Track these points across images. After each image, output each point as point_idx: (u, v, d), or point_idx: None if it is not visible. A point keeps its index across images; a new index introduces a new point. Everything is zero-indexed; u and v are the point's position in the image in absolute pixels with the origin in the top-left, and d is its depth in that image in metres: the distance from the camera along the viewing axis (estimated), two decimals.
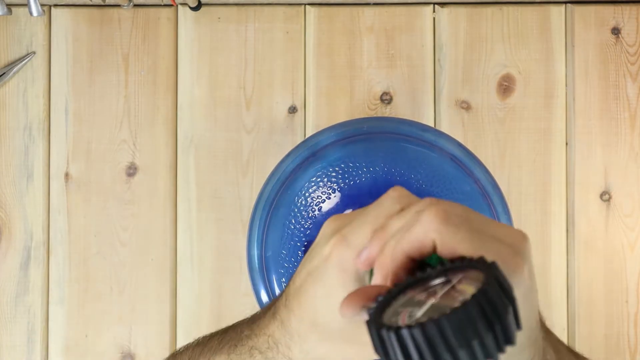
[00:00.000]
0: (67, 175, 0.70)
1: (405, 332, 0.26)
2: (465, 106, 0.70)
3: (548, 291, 0.69)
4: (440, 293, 0.28)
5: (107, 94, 0.70)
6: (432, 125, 0.70)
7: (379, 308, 0.29)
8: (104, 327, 0.69)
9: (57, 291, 0.69)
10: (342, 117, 0.70)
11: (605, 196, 0.69)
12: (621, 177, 0.70)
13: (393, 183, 0.52)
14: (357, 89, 0.70)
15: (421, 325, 0.26)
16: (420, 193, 0.51)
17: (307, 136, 0.69)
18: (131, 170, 0.70)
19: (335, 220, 0.33)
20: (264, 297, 0.55)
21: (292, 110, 0.70)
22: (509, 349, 0.27)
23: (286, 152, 0.56)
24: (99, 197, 0.70)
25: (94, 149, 0.70)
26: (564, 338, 0.69)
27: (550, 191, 0.70)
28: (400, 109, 0.70)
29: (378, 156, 0.52)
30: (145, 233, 0.70)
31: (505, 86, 0.70)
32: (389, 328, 0.27)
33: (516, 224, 0.69)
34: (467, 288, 0.27)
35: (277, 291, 0.53)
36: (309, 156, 0.54)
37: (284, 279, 0.53)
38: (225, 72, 0.70)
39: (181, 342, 0.69)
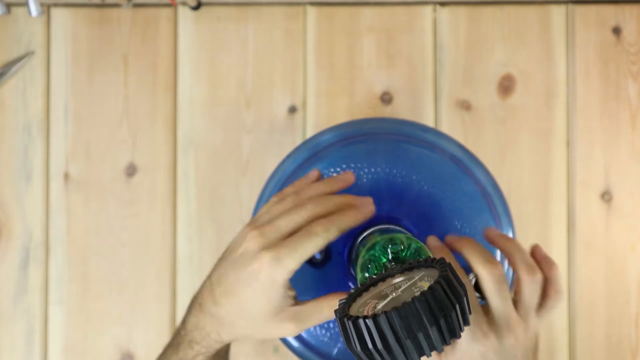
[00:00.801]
0: (66, 175, 0.70)
1: (361, 322, 0.30)
2: (466, 106, 0.70)
3: None
4: (402, 288, 0.33)
5: (106, 93, 0.70)
6: (433, 125, 0.70)
7: (347, 300, 0.34)
8: (104, 327, 0.69)
9: (56, 291, 0.69)
10: (342, 117, 0.70)
11: (606, 196, 0.69)
12: (622, 177, 0.70)
13: (394, 184, 0.52)
14: (357, 89, 0.70)
15: (374, 316, 0.30)
16: (421, 194, 0.51)
17: (307, 136, 0.69)
18: (131, 170, 0.70)
19: (256, 228, 0.41)
20: None
21: (292, 110, 0.70)
22: None
23: (286, 152, 0.56)
24: (99, 197, 0.70)
25: (93, 148, 0.70)
26: (564, 339, 0.69)
27: (550, 191, 0.69)
28: (401, 109, 0.70)
29: (379, 157, 0.52)
30: (144, 233, 0.69)
31: (506, 86, 0.70)
32: (349, 318, 0.31)
33: (517, 224, 0.69)
34: (425, 285, 0.32)
35: None
36: (309, 157, 0.54)
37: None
38: (225, 72, 0.70)
39: None
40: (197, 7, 0.70)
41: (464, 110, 0.70)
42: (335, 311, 0.33)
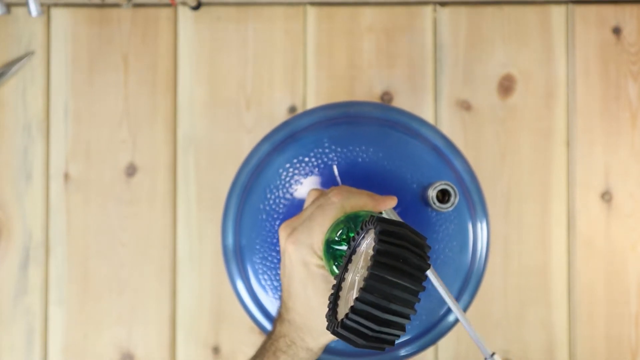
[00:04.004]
0: (66, 175, 0.70)
1: (347, 322, 0.31)
2: (466, 106, 0.70)
3: (549, 292, 0.69)
4: (361, 265, 0.35)
5: (106, 93, 0.70)
6: (433, 125, 0.70)
7: (330, 311, 0.35)
8: (104, 327, 0.69)
9: (56, 291, 0.69)
10: None
11: (606, 196, 0.69)
12: (622, 177, 0.69)
13: (373, 169, 0.52)
14: (357, 89, 0.70)
15: (352, 308, 0.30)
16: (399, 180, 0.51)
17: None
18: (131, 170, 0.70)
19: (285, 228, 0.42)
20: (241, 288, 0.54)
21: (292, 110, 0.70)
22: None
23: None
24: (99, 197, 0.70)
25: (93, 149, 0.70)
26: (564, 339, 0.69)
27: (550, 191, 0.69)
28: None
29: (361, 140, 0.52)
30: (144, 233, 0.69)
31: (506, 86, 0.70)
32: (337, 326, 0.32)
33: (517, 224, 0.69)
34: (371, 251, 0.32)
35: (254, 281, 0.53)
36: (286, 138, 0.53)
37: (260, 270, 0.53)
38: (225, 72, 0.70)
39: (181, 342, 0.69)
40: (197, 7, 0.70)
41: (464, 110, 0.70)
42: (326, 327, 0.34)
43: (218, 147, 0.70)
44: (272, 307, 0.54)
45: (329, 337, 0.43)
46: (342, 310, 0.33)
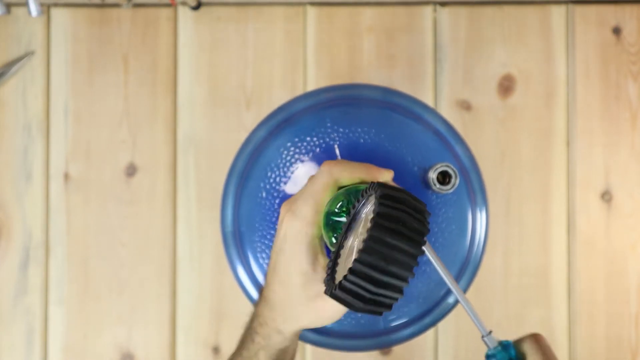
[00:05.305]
0: (66, 175, 0.70)
1: (345, 283, 0.31)
2: (466, 106, 0.70)
3: (549, 292, 0.69)
4: (360, 230, 0.34)
5: (106, 93, 0.70)
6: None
7: (329, 275, 0.34)
8: (104, 327, 0.69)
9: (56, 291, 0.69)
10: None
11: (606, 196, 0.69)
12: (622, 177, 0.69)
13: (373, 149, 0.52)
14: None
15: (350, 270, 0.30)
16: (399, 163, 0.52)
17: None
18: (131, 170, 0.70)
19: (285, 204, 0.41)
20: (242, 274, 0.54)
21: None
22: None
23: None
24: (99, 197, 0.70)
25: (93, 148, 0.70)
26: (564, 339, 0.69)
27: (550, 191, 0.69)
28: None
29: (361, 121, 0.52)
30: (144, 233, 0.69)
31: (506, 86, 0.70)
32: (335, 288, 0.32)
33: (517, 224, 0.69)
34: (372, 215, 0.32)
35: (254, 267, 0.53)
36: (282, 121, 0.53)
37: (260, 253, 0.53)
38: (225, 72, 0.70)
39: (181, 343, 0.69)
40: (197, 7, 0.70)
41: (464, 110, 0.70)
42: (325, 292, 0.34)
43: (218, 147, 0.70)
44: None
45: (300, 324, 0.42)
46: (341, 275, 0.33)
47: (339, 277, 0.34)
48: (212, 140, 0.70)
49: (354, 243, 0.35)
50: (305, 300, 0.41)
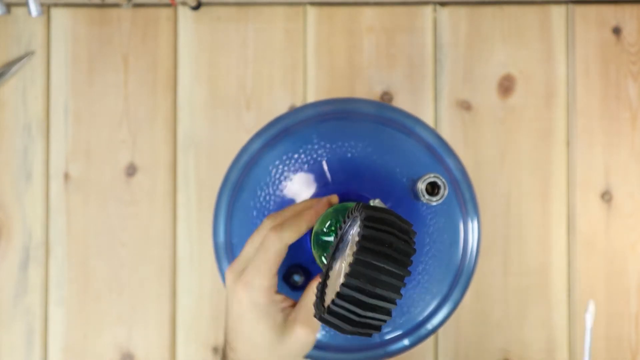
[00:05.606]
0: (66, 175, 0.70)
1: (333, 307, 0.31)
2: (466, 106, 0.70)
3: (549, 292, 0.69)
4: (346, 253, 0.34)
5: (106, 93, 0.70)
6: (433, 125, 0.70)
7: (318, 299, 0.35)
8: (104, 327, 0.69)
9: (56, 291, 0.69)
10: None
11: (606, 196, 0.69)
12: (622, 177, 0.70)
13: (367, 165, 0.52)
14: (357, 89, 0.70)
15: (337, 294, 0.31)
16: (392, 178, 0.52)
17: None
18: (131, 170, 0.70)
19: (231, 272, 0.43)
20: None
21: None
22: None
23: None
24: (99, 198, 0.70)
25: (93, 148, 0.70)
26: (564, 339, 0.69)
27: (550, 191, 0.69)
28: None
29: (354, 136, 0.52)
30: (144, 233, 0.69)
31: (506, 86, 0.70)
32: (324, 311, 0.32)
33: (516, 224, 0.69)
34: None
35: None
36: (279, 133, 0.53)
37: None
38: (225, 72, 0.70)
39: (181, 343, 0.69)
40: (197, 7, 0.70)
41: (464, 110, 0.70)
42: (314, 315, 0.34)
43: (218, 147, 0.70)
44: None
45: None
46: (330, 298, 0.34)
47: (328, 299, 0.34)
48: (212, 140, 0.70)
49: (342, 265, 0.35)
50: (276, 345, 0.43)
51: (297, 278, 0.51)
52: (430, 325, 0.53)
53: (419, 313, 0.53)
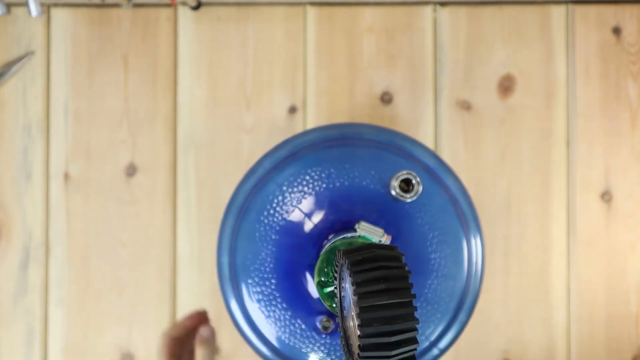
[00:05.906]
0: (66, 175, 0.70)
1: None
2: (466, 106, 0.70)
3: (548, 292, 0.69)
4: (350, 301, 0.33)
5: (106, 93, 0.70)
6: (433, 125, 0.70)
7: (346, 351, 0.34)
8: (104, 327, 0.69)
9: (56, 292, 0.69)
10: (342, 117, 0.70)
11: (606, 196, 0.69)
12: (622, 177, 0.70)
13: (367, 191, 0.52)
14: (357, 89, 0.70)
15: (359, 347, 0.30)
16: (393, 204, 0.52)
17: None
18: (131, 170, 0.70)
19: None
20: (235, 308, 0.54)
21: (292, 110, 0.70)
22: None
23: None
24: (99, 197, 0.70)
25: (93, 148, 0.70)
26: (564, 339, 0.69)
27: (550, 191, 0.69)
28: (400, 109, 0.70)
29: (355, 163, 0.52)
30: (144, 233, 0.69)
31: (506, 86, 0.70)
32: None
33: (516, 224, 0.69)
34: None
35: (248, 302, 0.53)
36: (288, 155, 0.54)
37: (254, 293, 0.53)
38: (225, 72, 0.70)
39: None
40: (197, 7, 0.70)
41: (464, 110, 0.70)
42: None
43: (218, 147, 0.70)
44: (266, 328, 0.54)
45: None
46: (355, 347, 0.34)
47: (354, 349, 0.34)
48: (212, 140, 0.70)
49: (353, 316, 0.35)
50: None
51: (327, 324, 0.51)
52: (437, 350, 0.53)
53: (430, 334, 0.53)
